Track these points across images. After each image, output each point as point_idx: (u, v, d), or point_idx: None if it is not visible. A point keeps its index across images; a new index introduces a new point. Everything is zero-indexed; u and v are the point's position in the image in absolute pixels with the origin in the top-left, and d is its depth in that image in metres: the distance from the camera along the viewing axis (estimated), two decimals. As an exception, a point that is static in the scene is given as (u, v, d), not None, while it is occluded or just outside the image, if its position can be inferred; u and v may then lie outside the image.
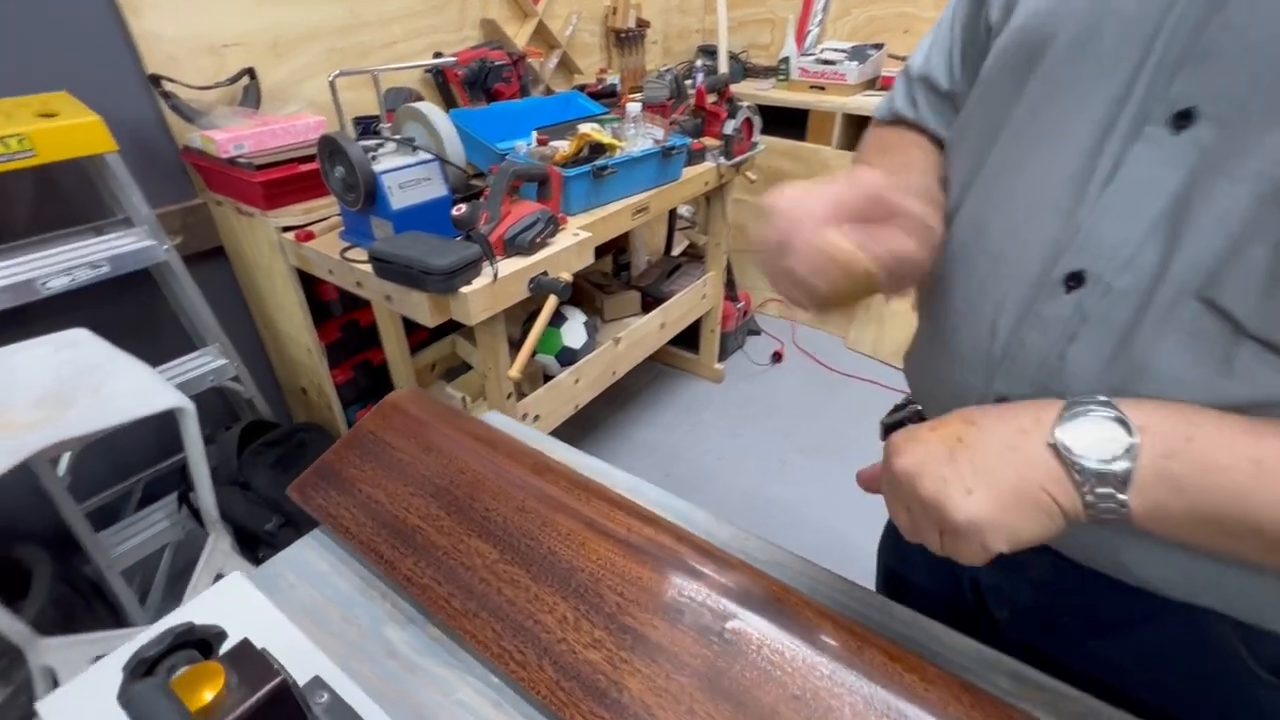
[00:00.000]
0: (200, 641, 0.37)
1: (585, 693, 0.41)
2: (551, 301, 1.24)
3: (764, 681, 0.40)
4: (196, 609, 0.47)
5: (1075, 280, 0.37)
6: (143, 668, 0.35)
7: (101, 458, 1.44)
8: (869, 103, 2.06)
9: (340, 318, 1.58)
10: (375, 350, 1.61)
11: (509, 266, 1.15)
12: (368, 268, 1.13)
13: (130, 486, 1.50)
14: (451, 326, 1.48)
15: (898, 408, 0.64)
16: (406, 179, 1.16)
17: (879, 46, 2.15)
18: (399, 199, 1.15)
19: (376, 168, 1.12)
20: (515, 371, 1.17)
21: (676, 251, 2.37)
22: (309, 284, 1.41)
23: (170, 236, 1.32)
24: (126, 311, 1.39)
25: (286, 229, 1.30)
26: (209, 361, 1.41)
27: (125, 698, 0.27)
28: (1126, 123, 0.36)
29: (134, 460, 1.49)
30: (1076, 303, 0.37)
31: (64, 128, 1.09)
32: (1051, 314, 0.39)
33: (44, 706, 0.41)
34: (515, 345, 1.29)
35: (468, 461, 0.56)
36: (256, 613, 0.47)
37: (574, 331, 1.59)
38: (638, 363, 1.77)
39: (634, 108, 1.54)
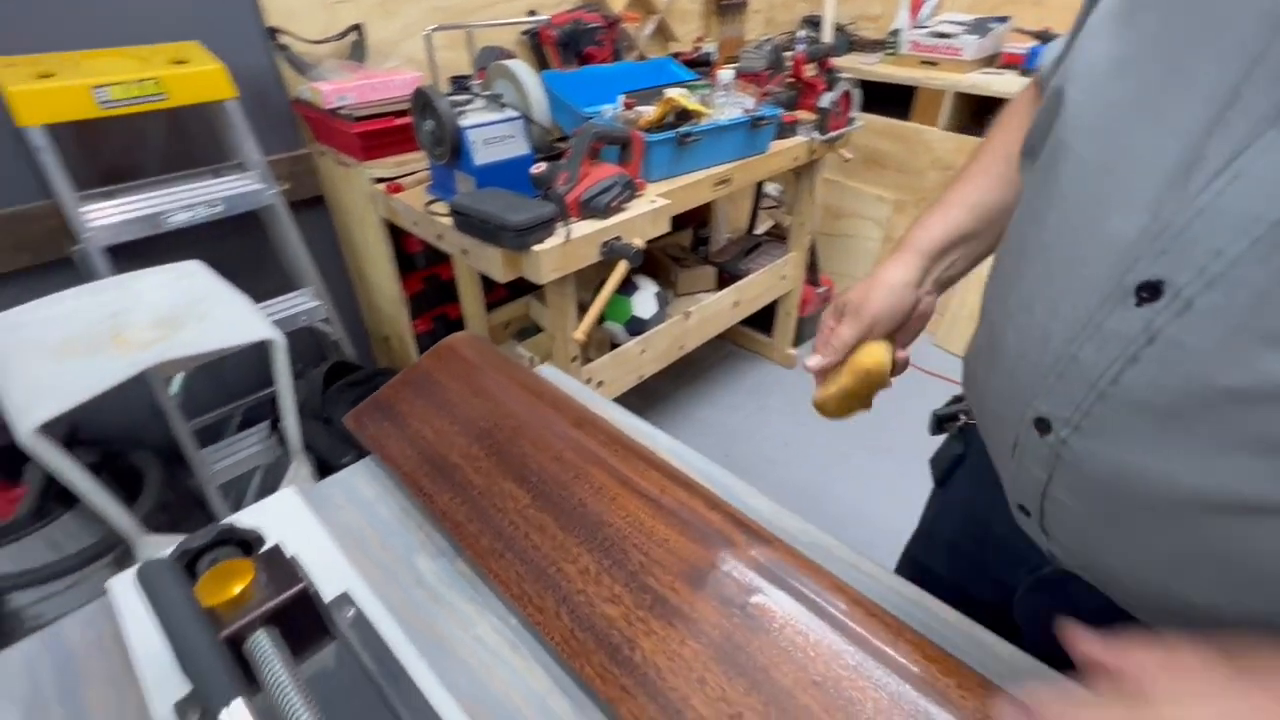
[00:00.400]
0: (241, 542, 0.39)
1: (598, 645, 0.40)
2: (622, 267, 1.23)
3: (783, 662, 0.37)
4: (252, 515, 0.50)
5: (1149, 291, 0.31)
6: (186, 557, 0.37)
7: (209, 382, 1.58)
8: (985, 81, 1.89)
9: (423, 270, 1.65)
10: (454, 304, 1.67)
11: (582, 228, 1.15)
12: (449, 221, 1.17)
13: (231, 411, 1.64)
14: (527, 288, 1.51)
15: (957, 399, 0.59)
16: (491, 135, 1.18)
17: (1004, 19, 1.97)
18: (482, 154, 1.17)
19: (463, 122, 1.14)
20: (580, 333, 1.18)
21: (760, 230, 2.30)
22: (396, 236, 1.47)
23: (278, 183, 1.41)
24: (234, 249, 1.50)
25: (379, 180, 1.35)
26: (303, 303, 1.51)
27: (140, 573, 0.28)
28: (1255, 104, 0.28)
29: (236, 387, 1.64)
30: (1146, 319, 0.31)
31: (192, 74, 1.19)
32: (1114, 328, 0.32)
33: (113, 583, 0.45)
34: (586, 311, 1.29)
35: (513, 408, 0.56)
36: (303, 526, 0.50)
37: (644, 301, 1.58)
38: (707, 339, 1.74)
39: (726, 75, 1.49)
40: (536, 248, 1.08)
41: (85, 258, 1.22)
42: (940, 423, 0.60)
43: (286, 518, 0.51)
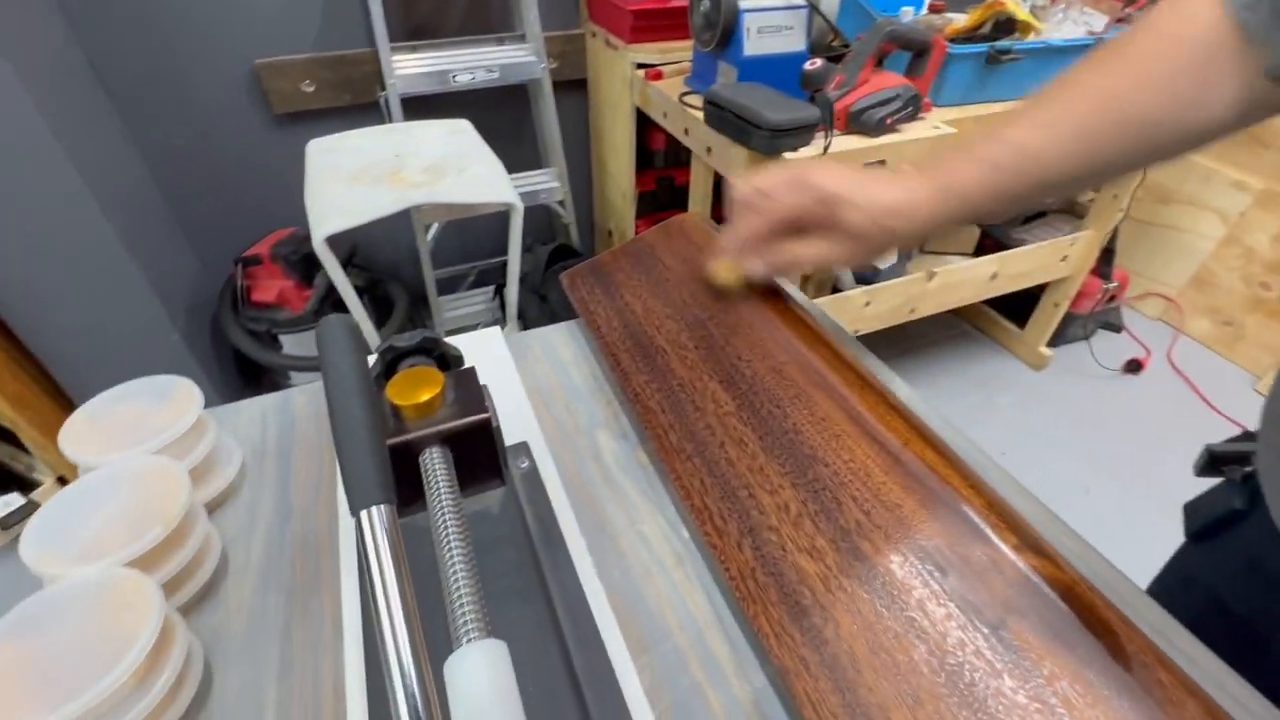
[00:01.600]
0: (441, 357, 0.37)
1: (782, 599, 0.32)
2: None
3: (1033, 714, 0.26)
4: (458, 341, 0.50)
5: None
6: (390, 354, 0.36)
7: (455, 240, 1.75)
8: None
9: (660, 170, 1.62)
10: (681, 211, 1.62)
11: (845, 143, 0.99)
12: (700, 115, 1.09)
13: (467, 270, 1.81)
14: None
15: (1245, 436, 0.44)
16: (767, 23, 1.05)
17: None
18: (753, 44, 1.06)
19: (741, 4, 1.03)
20: (808, 262, 1.05)
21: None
22: (643, 130, 1.44)
23: (550, 59, 1.45)
24: (497, 118, 1.59)
25: (640, 66, 1.31)
26: (545, 181, 1.57)
27: (322, 324, 0.26)
28: None
29: (475, 250, 1.79)
30: None
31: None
32: None
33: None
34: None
35: (735, 303, 0.48)
36: (500, 366, 0.49)
37: (885, 249, 1.38)
38: (944, 310, 1.49)
39: (1079, -19, 1.16)
40: (788, 154, 0.96)
41: (387, 103, 1.37)
42: (1214, 463, 0.45)
43: (488, 353, 0.49)
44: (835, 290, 1.38)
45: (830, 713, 0.28)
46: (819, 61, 0.99)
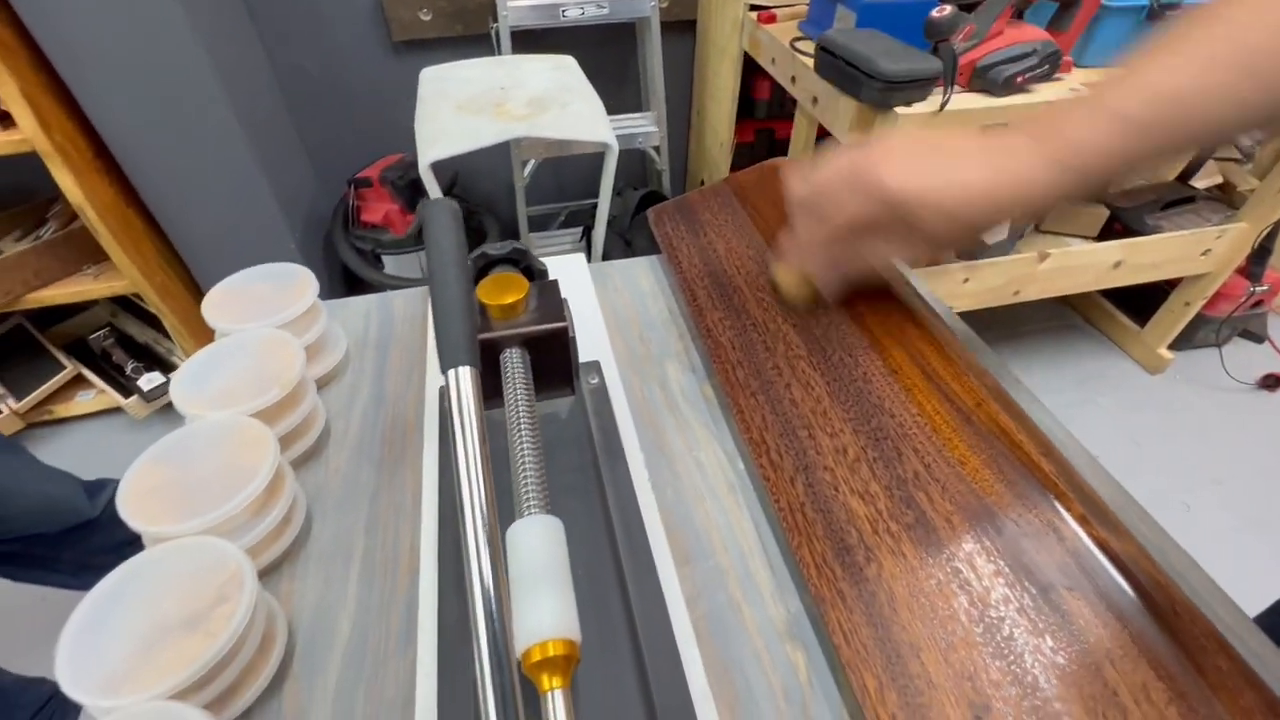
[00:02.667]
0: (528, 269, 0.39)
1: (827, 534, 0.33)
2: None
3: (1076, 702, 0.26)
4: (544, 260, 0.52)
5: None
6: (482, 260, 0.38)
7: (549, 179, 1.79)
8: None
9: (761, 121, 1.56)
10: (775, 167, 1.57)
11: (965, 100, 0.92)
12: (809, 63, 1.04)
13: (558, 209, 1.85)
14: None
15: None
16: (898, -36, 0.98)
17: None
18: (878, -14, 0.99)
19: (872, -59, 0.96)
20: (906, 227, 1.00)
21: (1199, 183, 1.67)
22: (748, 78, 1.39)
23: (659, -1, 1.41)
24: (601, 57, 1.58)
25: (754, 7, 1.26)
26: (643, 125, 1.56)
27: (425, 204, 0.28)
28: None
29: (567, 190, 1.82)
30: None
31: None
32: None
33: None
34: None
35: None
36: (580, 288, 0.51)
37: (995, 223, 1.28)
38: (1052, 296, 1.38)
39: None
40: (900, 109, 0.90)
41: (497, 34, 1.40)
42: None
43: (570, 276, 0.51)
44: (933, 262, 1.30)
45: (861, 644, 0.29)
46: (948, 8, 0.92)
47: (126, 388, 1.43)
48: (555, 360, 0.36)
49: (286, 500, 0.33)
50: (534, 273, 0.39)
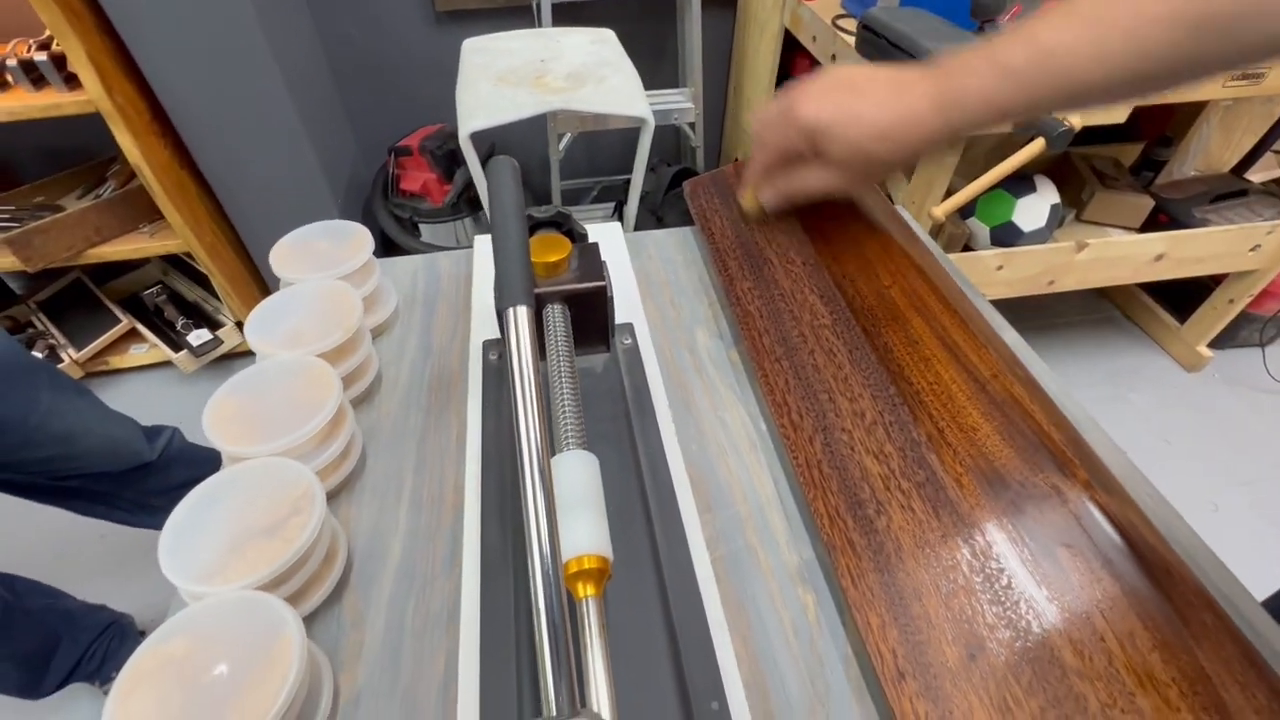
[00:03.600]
0: (570, 231, 0.42)
1: (841, 489, 0.35)
2: (1031, 149, 0.97)
3: (1064, 646, 0.28)
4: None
5: None
6: (528, 223, 0.41)
7: (583, 153, 1.80)
8: None
9: (797, 101, 1.55)
10: (811, 148, 1.56)
11: (1008, 83, 0.91)
12: (851, 41, 1.03)
13: (591, 184, 1.86)
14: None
15: None
16: (947, -60, 0.96)
17: None
18: (925, -36, 0.97)
19: (921, -83, 0.94)
20: (941, 210, 1.00)
21: (1255, 177, 1.61)
22: (786, 58, 1.38)
23: (704, -30, 1.40)
24: (640, 31, 1.58)
25: (796, -17, 1.25)
26: (680, 101, 1.55)
27: (491, 162, 0.31)
28: None
29: (601, 166, 1.84)
30: None
31: None
32: None
33: (479, 239, 0.54)
34: (953, 194, 1.08)
35: (851, 226, 0.49)
36: (615, 255, 0.53)
37: (1033, 209, 1.27)
38: (1089, 287, 1.36)
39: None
40: (940, 90, 0.90)
41: (538, 7, 1.41)
42: None
43: (606, 243, 0.54)
44: (967, 249, 1.30)
45: (867, 587, 0.32)
46: (996, -12, 0.90)
47: (176, 343, 1.50)
48: (594, 317, 0.38)
49: (347, 434, 0.37)
50: (575, 236, 0.41)
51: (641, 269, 0.55)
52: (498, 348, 0.44)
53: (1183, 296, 1.56)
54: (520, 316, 0.25)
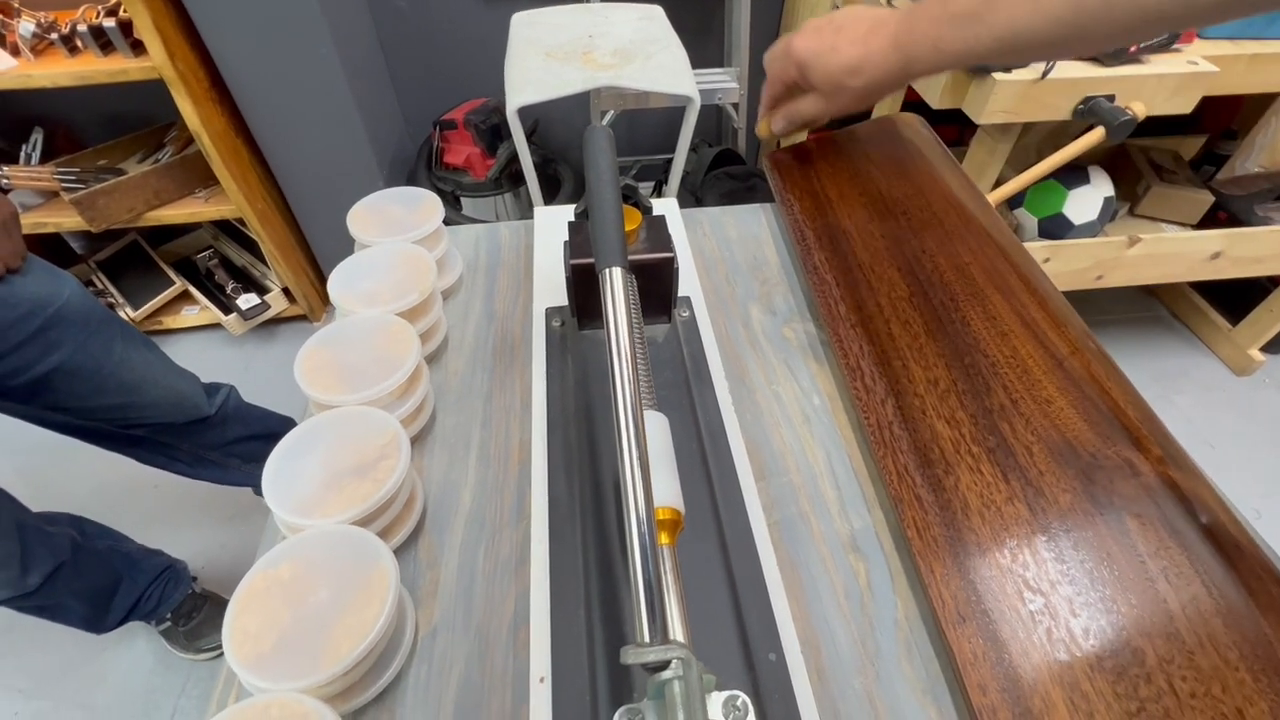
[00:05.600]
0: (636, 204, 0.43)
1: (912, 449, 0.36)
2: (1090, 139, 0.95)
3: (1124, 603, 0.29)
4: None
5: None
6: (599, 191, 0.42)
7: (625, 131, 1.80)
8: None
9: (844, 84, 1.53)
10: (856, 131, 1.54)
11: (1070, 69, 0.89)
12: (906, 22, 1.01)
13: (632, 163, 1.86)
14: (954, 140, 1.29)
15: None
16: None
17: None
18: (989, -57, 0.95)
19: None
20: (991, 199, 0.98)
21: (1325, 174, 1.54)
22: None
23: (753, -53, 1.38)
24: (688, 8, 1.57)
25: (851, -39, 1.22)
26: (725, 81, 1.54)
27: (589, 131, 0.32)
28: None
29: (642, 145, 1.83)
30: None
31: None
32: None
33: (539, 211, 0.55)
34: (1002, 184, 1.06)
35: (932, 202, 0.49)
36: (676, 230, 0.54)
37: (1084, 201, 1.23)
38: (1139, 284, 1.32)
39: None
40: (998, 75, 0.88)
41: (586, -19, 1.40)
42: None
43: (667, 216, 0.55)
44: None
45: (932, 539, 0.33)
46: (1065, -31, 0.88)
47: (227, 306, 1.55)
48: (659, 287, 0.39)
49: (423, 389, 0.39)
50: (642, 208, 0.42)
51: (696, 245, 0.56)
52: (560, 314, 0.45)
53: (1235, 298, 1.51)
54: (616, 277, 0.27)
